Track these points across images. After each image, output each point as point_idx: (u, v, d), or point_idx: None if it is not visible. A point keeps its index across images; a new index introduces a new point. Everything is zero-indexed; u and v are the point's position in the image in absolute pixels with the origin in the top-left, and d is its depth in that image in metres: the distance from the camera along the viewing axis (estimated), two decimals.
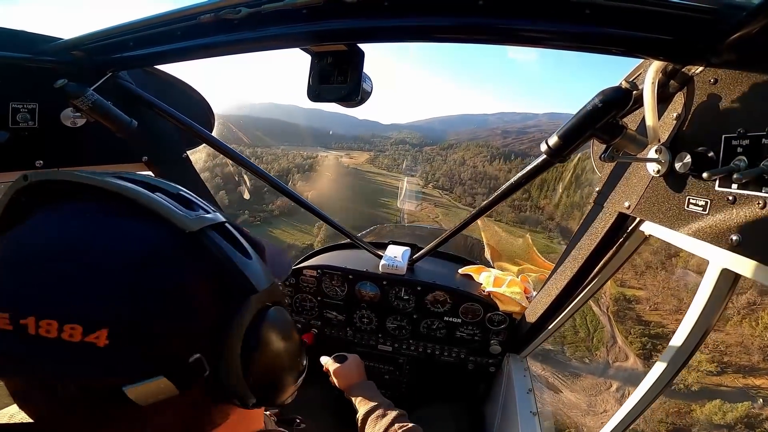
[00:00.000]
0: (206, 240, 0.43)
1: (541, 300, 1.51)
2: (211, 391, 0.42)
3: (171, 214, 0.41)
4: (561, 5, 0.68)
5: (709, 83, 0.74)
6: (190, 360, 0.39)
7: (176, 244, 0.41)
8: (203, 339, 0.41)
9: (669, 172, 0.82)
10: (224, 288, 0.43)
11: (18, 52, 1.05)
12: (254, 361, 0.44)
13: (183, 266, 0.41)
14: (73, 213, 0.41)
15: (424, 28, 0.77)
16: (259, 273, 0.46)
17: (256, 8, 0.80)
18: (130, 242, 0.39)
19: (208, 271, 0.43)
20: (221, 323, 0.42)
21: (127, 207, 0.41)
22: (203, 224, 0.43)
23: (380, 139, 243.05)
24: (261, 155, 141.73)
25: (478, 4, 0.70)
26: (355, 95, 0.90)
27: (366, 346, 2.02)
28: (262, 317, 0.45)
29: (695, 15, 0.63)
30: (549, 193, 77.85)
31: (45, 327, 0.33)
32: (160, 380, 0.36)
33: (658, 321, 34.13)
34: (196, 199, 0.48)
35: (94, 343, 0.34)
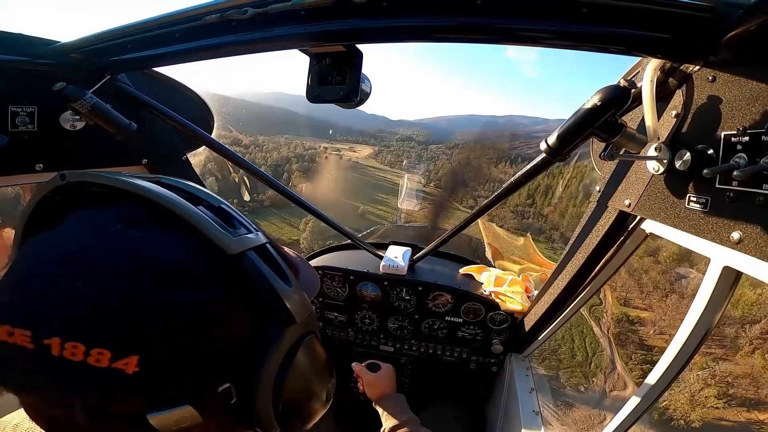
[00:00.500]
0: (247, 264, 0.40)
1: (543, 299, 1.51)
2: (235, 418, 0.41)
3: (214, 234, 0.39)
4: (558, 4, 0.68)
5: (708, 81, 0.74)
6: (219, 389, 0.37)
7: (215, 265, 0.39)
8: (235, 368, 0.39)
9: (669, 170, 0.82)
10: (262, 317, 0.41)
11: (16, 55, 1.05)
12: (284, 390, 0.42)
13: (222, 292, 0.39)
14: (110, 223, 0.38)
15: (422, 29, 0.77)
16: (299, 302, 0.43)
17: (263, 8, 0.80)
18: (166, 261, 0.37)
19: (247, 298, 0.40)
20: (255, 352, 0.40)
21: (168, 220, 0.38)
22: (246, 246, 0.40)
23: (386, 135, 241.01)
24: (262, 143, 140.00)
25: (475, 4, 0.70)
26: (354, 96, 0.90)
27: (367, 347, 2.02)
28: (297, 348, 0.43)
29: (693, 13, 0.63)
30: (554, 200, 75.06)
31: (70, 350, 0.31)
32: (185, 409, 0.35)
33: (663, 347, 31.08)
34: (237, 214, 0.46)
35: (123, 370, 0.32)
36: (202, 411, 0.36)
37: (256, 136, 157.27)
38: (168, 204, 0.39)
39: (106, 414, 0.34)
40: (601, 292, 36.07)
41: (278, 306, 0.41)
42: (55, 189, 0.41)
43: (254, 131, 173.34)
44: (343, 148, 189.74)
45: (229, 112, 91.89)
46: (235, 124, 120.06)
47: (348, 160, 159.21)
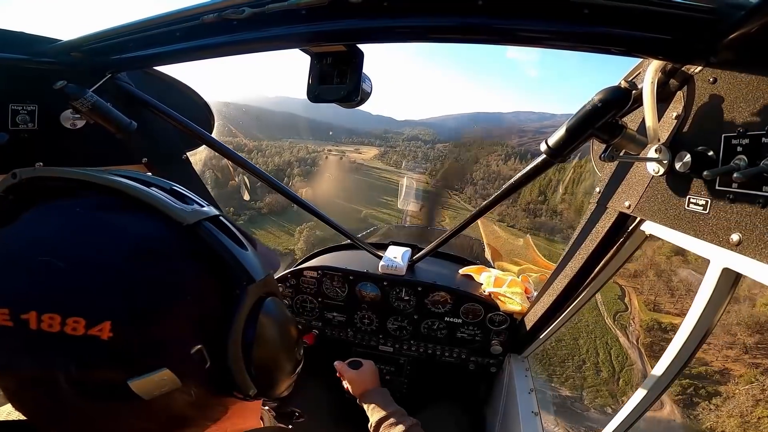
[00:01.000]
0: (203, 232, 0.43)
1: (542, 300, 1.51)
2: (212, 383, 0.43)
3: (168, 208, 0.42)
4: (560, 5, 0.68)
5: (709, 82, 0.74)
6: (191, 351, 0.39)
7: (174, 236, 0.42)
8: (204, 330, 0.41)
9: (669, 172, 0.82)
10: (223, 278, 0.43)
11: (17, 53, 1.05)
12: (254, 350, 0.44)
13: (182, 258, 0.41)
14: (70, 208, 0.40)
15: (423, 29, 0.77)
16: (256, 264, 0.46)
17: (260, 8, 0.80)
18: (129, 235, 0.39)
19: (207, 263, 0.43)
20: (221, 314, 0.42)
21: (124, 201, 0.41)
22: (199, 217, 0.43)
23: (392, 135, 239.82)
24: (265, 148, 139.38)
25: (476, 5, 0.70)
26: (354, 96, 0.90)
27: (367, 347, 2.02)
28: (259, 307, 0.46)
29: (694, 14, 0.63)
30: (568, 196, 73.11)
31: (47, 321, 0.33)
32: (163, 372, 0.36)
33: (701, 357, 25.29)
34: (189, 193, 0.49)
35: (98, 336, 0.34)
36: (180, 374, 0.37)
37: (260, 141, 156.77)
38: (123, 188, 0.41)
39: (88, 384, 0.35)
40: (626, 297, 34.56)
41: (236, 267, 0.44)
42: (7, 188, 0.42)
43: (258, 136, 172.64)
44: (348, 150, 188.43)
45: (233, 117, 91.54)
46: (240, 130, 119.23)
47: (352, 162, 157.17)
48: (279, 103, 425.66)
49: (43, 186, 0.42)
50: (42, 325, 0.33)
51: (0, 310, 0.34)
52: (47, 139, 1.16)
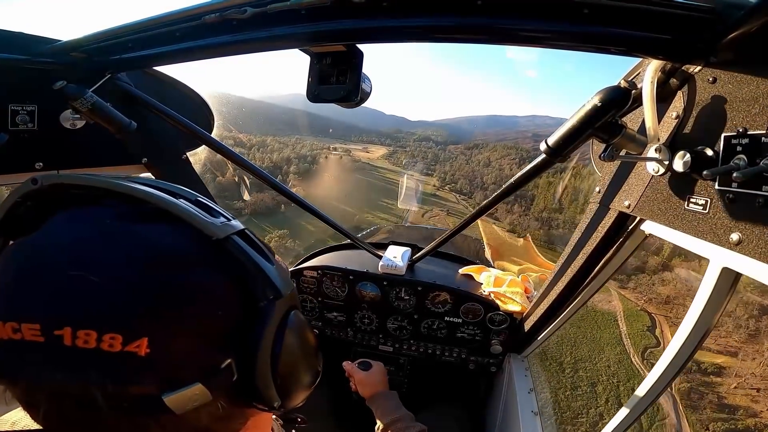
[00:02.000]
0: (231, 246, 0.43)
1: (542, 300, 1.51)
2: (238, 395, 0.43)
3: (197, 221, 0.41)
4: (559, 5, 0.68)
5: (708, 82, 0.74)
6: (222, 365, 0.39)
7: (206, 250, 0.41)
8: (234, 344, 0.41)
9: (669, 172, 0.82)
10: (251, 292, 0.43)
11: (17, 53, 1.05)
12: (280, 363, 0.44)
13: (214, 273, 0.41)
14: (98, 217, 0.39)
15: (423, 29, 0.77)
16: (281, 278, 0.46)
17: (262, 8, 0.80)
18: (161, 248, 0.39)
19: (237, 277, 0.43)
20: (251, 328, 0.42)
21: (154, 214, 0.41)
22: (229, 231, 0.43)
23: (404, 135, 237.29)
24: (268, 144, 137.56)
25: (476, 4, 0.70)
26: (354, 96, 0.90)
27: (367, 347, 2.02)
28: (286, 321, 0.46)
29: (694, 14, 0.63)
30: (586, 206, 65.63)
31: (83, 338, 0.32)
32: (196, 387, 0.36)
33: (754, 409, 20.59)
34: (214, 205, 0.49)
35: (136, 353, 0.34)
36: (211, 388, 0.38)
37: (265, 137, 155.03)
38: (151, 198, 0.41)
39: (123, 399, 0.35)
40: (657, 328, 29.34)
41: (266, 282, 0.44)
42: (25, 194, 0.42)
43: (265, 132, 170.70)
44: (355, 149, 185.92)
45: (238, 113, 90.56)
46: (244, 125, 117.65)
47: (355, 161, 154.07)
48: (292, 100, 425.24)
49: (65, 193, 0.41)
50: (77, 342, 0.32)
51: (29, 325, 0.33)
52: (47, 139, 1.16)
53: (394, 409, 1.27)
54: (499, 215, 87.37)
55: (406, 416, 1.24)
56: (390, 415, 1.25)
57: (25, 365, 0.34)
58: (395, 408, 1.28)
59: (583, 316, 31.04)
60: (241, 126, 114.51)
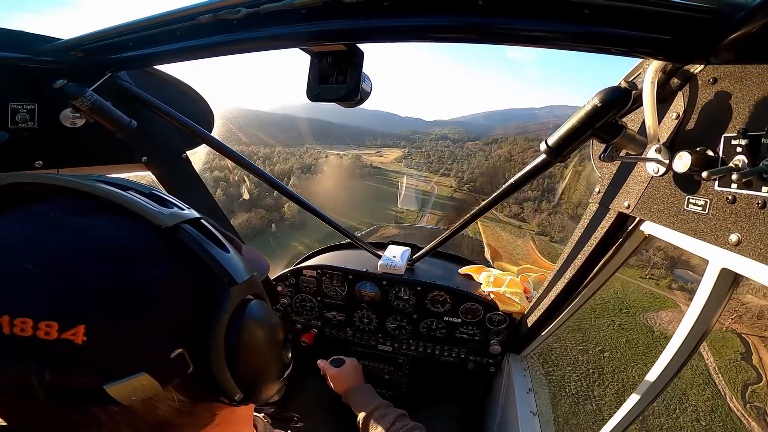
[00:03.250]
0: (182, 234, 0.43)
1: (541, 300, 1.51)
2: (196, 388, 0.42)
3: (145, 211, 0.41)
4: (560, 5, 0.68)
5: (709, 83, 0.74)
6: (171, 355, 0.38)
7: (151, 239, 0.41)
8: (184, 333, 0.40)
9: (668, 172, 0.82)
10: (203, 281, 0.43)
11: (17, 52, 1.05)
12: (238, 354, 0.43)
13: (159, 260, 0.41)
14: (44, 212, 0.40)
15: (424, 28, 0.77)
16: (238, 266, 0.46)
17: (255, 8, 0.80)
18: (103, 238, 0.39)
19: (186, 265, 0.42)
20: (202, 317, 0.42)
21: (99, 205, 0.41)
22: (178, 219, 0.43)
23: (420, 136, 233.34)
24: (276, 154, 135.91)
25: (477, 4, 0.70)
26: (354, 95, 0.90)
27: (366, 346, 2.02)
28: (243, 309, 0.45)
29: (694, 14, 0.63)
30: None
31: (19, 326, 0.33)
32: (141, 377, 0.36)
33: None
34: (169, 197, 0.48)
35: (72, 341, 0.33)
36: (160, 379, 0.37)
37: (273, 147, 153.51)
38: (97, 191, 0.40)
39: (64, 389, 0.35)
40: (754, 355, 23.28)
41: (217, 269, 0.43)
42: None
43: (275, 141, 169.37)
44: (369, 153, 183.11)
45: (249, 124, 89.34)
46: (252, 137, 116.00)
47: (365, 165, 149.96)
48: (306, 109, 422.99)
49: (18, 191, 0.42)
50: (14, 330, 0.33)
51: None
52: (47, 137, 1.16)
53: (368, 400, 1.28)
54: (526, 215, 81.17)
55: (381, 405, 1.25)
56: (366, 406, 1.25)
57: None
58: (370, 399, 1.29)
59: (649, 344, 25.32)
60: (249, 139, 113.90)
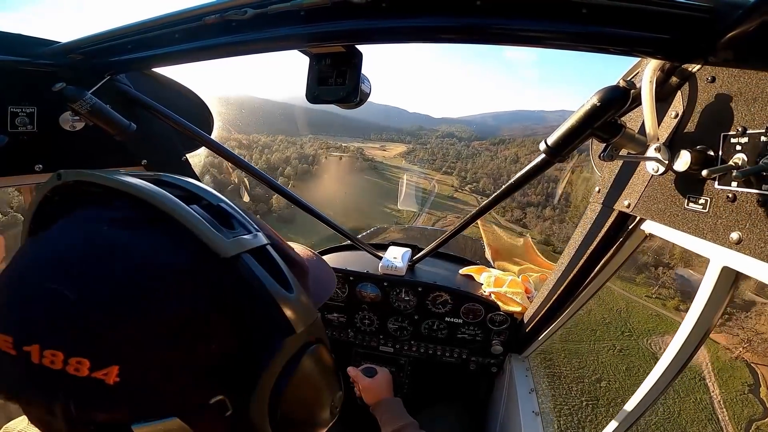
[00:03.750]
0: (241, 268, 0.38)
1: (543, 300, 1.51)
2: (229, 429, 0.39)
3: (206, 235, 0.36)
4: (558, 5, 0.68)
5: (707, 81, 0.74)
6: (210, 401, 0.36)
7: (206, 270, 0.37)
8: (228, 381, 0.37)
9: (668, 171, 0.82)
10: (258, 327, 0.38)
11: (15, 55, 1.05)
12: (283, 404, 0.39)
13: (212, 299, 0.36)
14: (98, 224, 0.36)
15: (422, 29, 0.77)
16: (300, 310, 0.40)
17: (261, 9, 0.80)
18: (151, 265, 0.35)
19: (242, 306, 0.38)
20: (252, 363, 0.38)
21: (159, 221, 0.37)
22: (240, 249, 0.38)
23: (426, 132, 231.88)
24: (272, 143, 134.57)
25: (475, 5, 0.70)
26: (353, 97, 0.90)
27: (367, 348, 2.02)
28: (297, 360, 0.40)
29: (692, 14, 0.63)
30: None
31: (49, 357, 0.30)
32: (173, 421, 0.34)
33: None
34: (237, 213, 0.43)
35: (103, 380, 0.31)
36: (192, 423, 0.35)
37: (275, 136, 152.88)
38: (159, 203, 0.37)
39: (88, 423, 0.33)
40: (762, 387, 22.58)
41: (276, 314, 0.38)
42: (53, 189, 0.40)
43: (277, 132, 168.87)
44: (373, 147, 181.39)
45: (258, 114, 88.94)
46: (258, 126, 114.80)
47: (366, 159, 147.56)
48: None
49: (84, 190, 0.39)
50: (44, 361, 0.31)
51: (4, 336, 0.32)
52: (46, 141, 1.16)
53: (398, 417, 1.26)
54: (528, 221, 76.12)
55: (411, 424, 1.23)
56: (395, 423, 1.23)
57: (3, 375, 0.33)
58: (400, 416, 1.27)
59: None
60: (252, 127, 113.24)
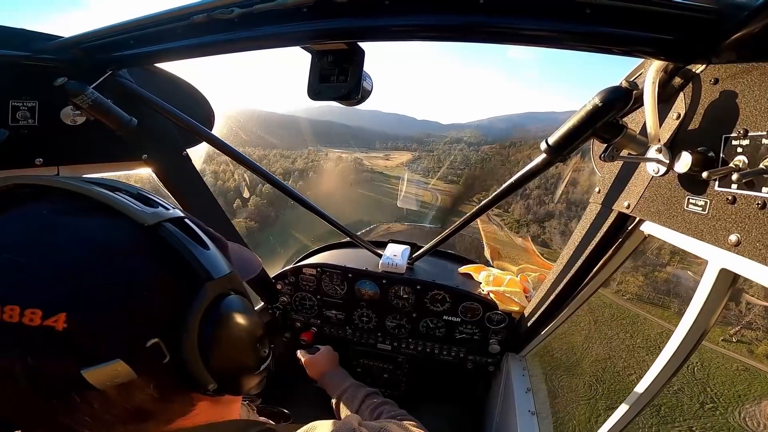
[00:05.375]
0: (163, 232, 0.45)
1: (541, 299, 1.51)
2: (171, 377, 0.44)
3: (128, 210, 0.45)
4: (562, 5, 0.67)
5: (710, 83, 0.74)
6: (147, 344, 0.41)
7: (132, 236, 0.44)
8: (160, 325, 0.42)
9: (669, 172, 0.82)
10: (181, 276, 0.45)
11: (18, 50, 1.05)
12: (211, 346, 0.45)
13: (139, 256, 0.44)
14: (38, 211, 0.43)
15: (424, 27, 0.77)
16: (216, 262, 0.48)
17: (248, 8, 0.80)
18: (89, 236, 0.42)
19: (164, 261, 0.45)
20: (179, 310, 0.44)
21: (89, 205, 0.44)
22: (160, 218, 0.46)
23: (434, 139, 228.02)
24: (269, 157, 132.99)
25: (478, 4, 0.70)
26: (355, 94, 0.90)
27: (365, 345, 2.03)
28: (218, 303, 0.47)
29: (696, 15, 0.63)
30: None
31: (8, 312, 0.36)
32: (117, 363, 0.38)
33: None
34: (156, 198, 0.52)
35: (53, 327, 0.36)
36: (135, 366, 0.39)
37: (281, 150, 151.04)
38: (86, 192, 0.45)
39: (45, 375, 0.37)
40: None
41: (195, 265, 0.46)
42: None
43: (285, 146, 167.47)
44: (377, 157, 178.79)
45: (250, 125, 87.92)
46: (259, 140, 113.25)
47: (366, 169, 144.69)
48: (326, 112, 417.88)
49: (19, 192, 0.46)
50: (3, 316, 0.36)
51: None
52: (47, 135, 1.16)
53: (340, 383, 1.31)
54: (549, 238, 66.92)
55: (352, 385, 1.28)
56: (337, 389, 1.28)
57: None
58: (341, 381, 1.32)
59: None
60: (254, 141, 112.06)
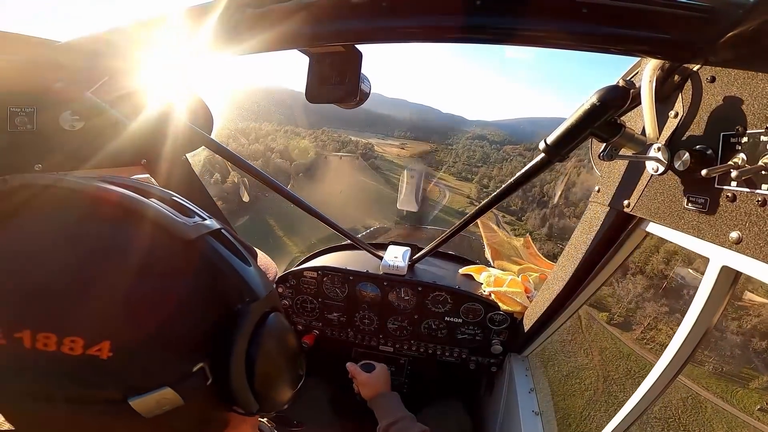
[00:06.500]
0: (205, 248, 0.42)
1: (542, 299, 1.51)
2: (214, 399, 0.42)
3: (170, 222, 0.40)
4: (558, 4, 0.68)
5: (707, 81, 0.74)
6: (193, 370, 0.39)
7: (175, 252, 0.40)
8: (206, 348, 0.41)
9: (668, 171, 0.82)
10: (226, 296, 0.43)
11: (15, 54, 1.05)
12: (257, 367, 0.43)
13: (183, 275, 0.40)
14: (64, 219, 0.38)
15: (422, 29, 0.77)
16: (258, 279, 0.46)
17: (262, 8, 0.80)
18: (128, 252, 0.38)
19: (209, 280, 0.42)
20: (224, 331, 0.42)
21: (123, 215, 0.39)
22: (202, 231, 0.43)
23: (457, 134, 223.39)
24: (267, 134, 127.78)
25: (475, 4, 0.70)
26: (353, 96, 0.90)
27: (367, 347, 2.02)
28: (263, 324, 0.45)
29: (692, 13, 0.63)
30: None
31: (42, 341, 0.32)
32: (165, 391, 0.36)
33: None
34: (190, 205, 0.48)
35: (97, 356, 0.33)
36: (182, 393, 0.37)
37: (286, 126, 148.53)
38: (121, 199, 0.40)
39: (87, 402, 0.35)
40: None
41: (241, 284, 0.44)
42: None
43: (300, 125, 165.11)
44: (392, 145, 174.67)
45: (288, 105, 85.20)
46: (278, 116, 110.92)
47: (376, 157, 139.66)
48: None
49: (34, 193, 0.40)
50: (37, 345, 0.32)
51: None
52: (46, 140, 1.16)
53: (395, 410, 1.28)
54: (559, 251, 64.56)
55: (406, 417, 1.24)
56: (391, 416, 1.25)
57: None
58: (396, 408, 1.29)
59: None
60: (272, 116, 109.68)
